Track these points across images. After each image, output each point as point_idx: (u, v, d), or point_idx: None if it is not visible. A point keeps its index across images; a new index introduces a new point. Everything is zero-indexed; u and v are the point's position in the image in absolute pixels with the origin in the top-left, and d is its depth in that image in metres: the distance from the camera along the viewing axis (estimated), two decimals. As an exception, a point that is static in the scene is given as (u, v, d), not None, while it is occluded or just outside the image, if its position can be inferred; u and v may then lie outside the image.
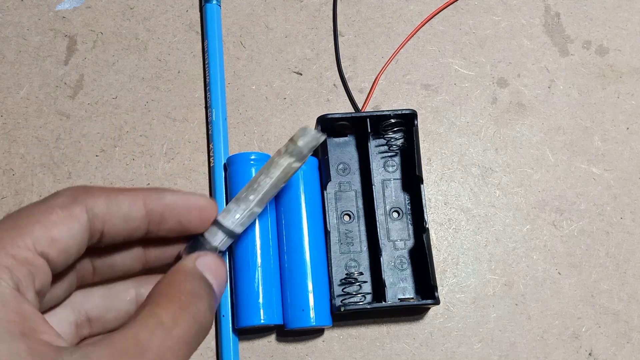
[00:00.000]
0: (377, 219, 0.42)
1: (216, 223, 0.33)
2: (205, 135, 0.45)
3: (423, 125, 0.46)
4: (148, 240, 0.31)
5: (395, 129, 0.43)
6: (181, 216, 0.31)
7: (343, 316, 0.42)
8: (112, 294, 0.31)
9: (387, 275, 0.42)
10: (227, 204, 0.42)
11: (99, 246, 0.29)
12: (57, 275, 0.28)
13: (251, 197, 0.34)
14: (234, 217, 0.33)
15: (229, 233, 0.33)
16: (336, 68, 0.47)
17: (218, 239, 0.32)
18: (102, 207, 0.28)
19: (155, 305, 0.26)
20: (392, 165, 0.44)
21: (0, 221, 0.26)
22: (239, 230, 0.33)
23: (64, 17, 0.47)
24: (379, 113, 0.43)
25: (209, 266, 0.30)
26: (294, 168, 0.35)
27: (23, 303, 0.23)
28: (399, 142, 0.44)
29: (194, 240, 0.32)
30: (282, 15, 0.48)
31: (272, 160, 0.34)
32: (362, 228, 0.43)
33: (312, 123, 0.45)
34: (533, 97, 0.47)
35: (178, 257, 0.33)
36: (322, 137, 0.35)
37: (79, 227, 0.27)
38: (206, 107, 0.45)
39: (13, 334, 0.22)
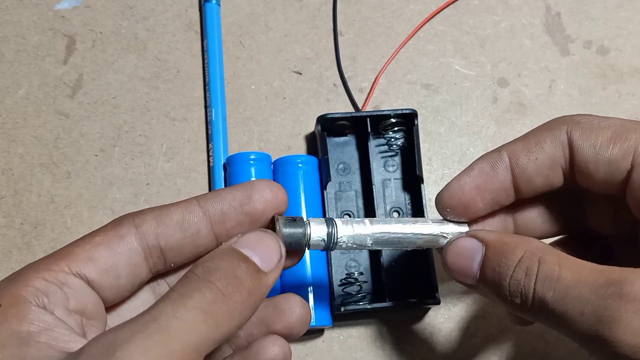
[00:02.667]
0: (377, 219, 0.42)
1: (328, 219, 0.30)
2: (204, 135, 0.45)
3: (423, 125, 0.46)
4: None
5: (395, 128, 0.43)
6: (244, 206, 0.29)
7: (343, 316, 0.41)
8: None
9: (388, 275, 0.42)
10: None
11: (169, 268, 0.29)
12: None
13: (374, 226, 0.31)
14: (346, 229, 0.30)
15: (329, 237, 0.30)
16: (336, 68, 0.47)
17: (319, 231, 0.29)
18: (151, 222, 0.28)
19: (176, 286, 0.25)
20: (392, 165, 0.44)
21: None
22: (339, 244, 0.30)
23: (63, 16, 0.47)
24: (379, 113, 0.43)
25: (248, 242, 0.27)
26: (436, 240, 0.32)
27: (45, 316, 0.25)
28: (399, 142, 0.44)
29: (286, 218, 0.29)
30: (281, 14, 0.48)
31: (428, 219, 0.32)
32: (362, 228, 0.43)
33: (312, 122, 0.45)
34: (534, 96, 0.47)
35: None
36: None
37: (126, 245, 0.27)
38: (205, 107, 0.45)
39: (23, 341, 0.23)
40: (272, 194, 0.29)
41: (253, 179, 0.40)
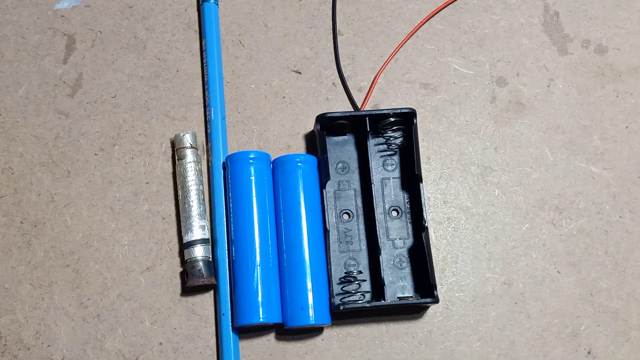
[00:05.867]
0: (376, 218, 0.42)
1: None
2: (204, 134, 0.45)
3: (422, 124, 0.46)
4: None
5: (394, 127, 0.43)
6: None
7: (342, 315, 0.42)
8: None
9: (386, 274, 0.42)
10: (226, 203, 0.42)
11: None
12: None
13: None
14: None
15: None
16: (335, 67, 0.47)
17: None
18: None
19: None
20: (391, 164, 0.44)
21: None
22: None
23: (62, 15, 0.47)
24: (378, 112, 0.43)
25: None
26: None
27: None
28: (398, 141, 0.44)
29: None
30: (281, 14, 0.48)
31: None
32: (361, 227, 0.43)
33: (311, 122, 0.45)
34: (532, 96, 0.47)
35: None
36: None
37: None
38: (205, 106, 0.45)
39: None
40: None
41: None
